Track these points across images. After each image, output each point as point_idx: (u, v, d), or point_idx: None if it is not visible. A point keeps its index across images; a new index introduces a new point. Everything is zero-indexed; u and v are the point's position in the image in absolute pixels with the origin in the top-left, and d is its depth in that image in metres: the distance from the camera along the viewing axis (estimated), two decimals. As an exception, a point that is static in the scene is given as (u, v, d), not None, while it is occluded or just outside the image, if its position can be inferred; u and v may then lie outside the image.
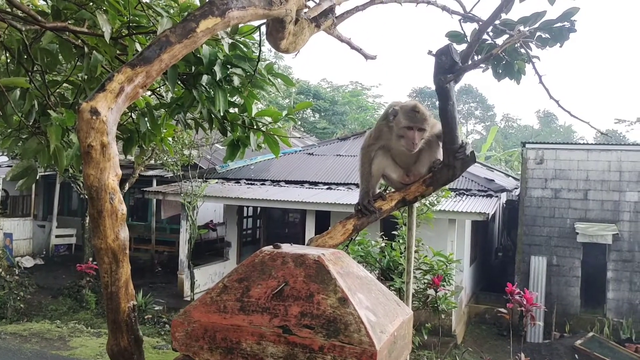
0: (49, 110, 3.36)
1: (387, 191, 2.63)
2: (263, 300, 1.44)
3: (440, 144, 2.45)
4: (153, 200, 16.99)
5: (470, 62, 2.11)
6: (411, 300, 2.58)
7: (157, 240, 18.14)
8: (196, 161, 14.98)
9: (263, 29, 3.08)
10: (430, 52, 2.07)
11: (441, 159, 2.47)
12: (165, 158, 14.38)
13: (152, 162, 15.96)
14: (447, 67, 2.07)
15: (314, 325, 1.37)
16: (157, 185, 16.74)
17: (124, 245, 1.62)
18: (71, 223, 19.35)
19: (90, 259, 14.50)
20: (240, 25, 3.81)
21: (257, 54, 3.84)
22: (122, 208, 1.55)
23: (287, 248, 1.53)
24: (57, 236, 18.94)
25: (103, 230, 1.51)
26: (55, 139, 3.40)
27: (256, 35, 3.86)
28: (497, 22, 3.10)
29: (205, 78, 3.81)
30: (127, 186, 15.58)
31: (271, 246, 1.54)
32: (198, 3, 3.77)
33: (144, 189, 15.35)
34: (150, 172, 17.10)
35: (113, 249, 1.61)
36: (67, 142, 3.59)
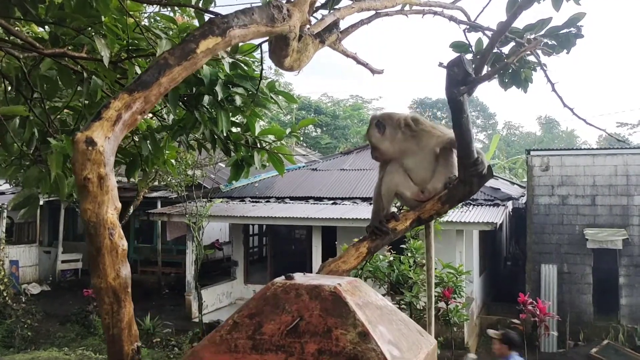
0: (49, 138, 3.30)
1: (402, 210, 2.53)
2: (277, 337, 1.34)
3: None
4: (158, 222, 16.91)
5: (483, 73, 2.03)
6: (434, 327, 2.48)
7: (163, 262, 18.04)
8: (200, 181, 14.92)
9: (264, 46, 3.02)
10: (441, 64, 1.98)
11: (457, 175, 2.36)
12: (169, 179, 14.33)
13: (156, 183, 15.92)
14: (460, 78, 1.98)
15: (333, 364, 1.28)
16: (161, 206, 16.67)
17: (126, 284, 1.51)
18: (77, 248, 19.27)
19: (97, 283, 14.39)
20: (240, 44, 3.76)
21: (258, 72, 3.78)
22: (123, 244, 1.46)
23: (300, 279, 1.44)
24: (63, 261, 18.84)
25: (103, 268, 1.41)
26: (56, 167, 3.34)
27: (257, 54, 3.81)
28: (502, 30, 3.03)
29: (207, 99, 3.76)
30: (131, 209, 15.53)
31: (283, 277, 1.45)
32: (197, 24, 3.72)
33: (149, 211, 15.28)
34: (155, 194, 17.05)
35: (114, 288, 1.51)
36: (69, 169, 3.53)
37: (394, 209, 2.53)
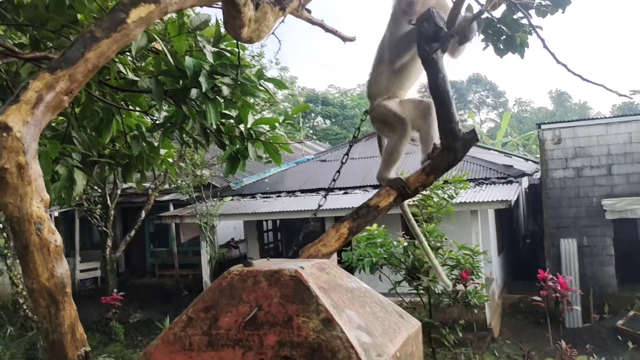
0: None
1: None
2: (234, 330, 1.20)
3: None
4: (172, 225, 16.91)
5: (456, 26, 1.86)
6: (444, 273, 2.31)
7: (180, 264, 18.04)
8: (210, 180, 14.87)
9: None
10: (410, 22, 1.83)
11: (438, 143, 2.18)
12: (179, 181, 14.28)
13: (167, 186, 15.90)
14: (431, 34, 1.82)
15: (295, 356, 1.12)
16: (174, 208, 16.67)
17: (63, 283, 1.36)
18: (94, 256, 19.31)
19: (115, 290, 14.44)
20: (222, 31, 3.63)
21: (242, 60, 3.66)
22: (55, 239, 1.32)
23: (260, 264, 1.30)
24: (81, 271, 18.94)
25: (33, 268, 1.27)
26: (44, 173, 3.26)
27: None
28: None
29: (194, 92, 3.65)
30: (143, 213, 15.53)
31: (241, 264, 1.31)
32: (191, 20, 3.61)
33: (160, 214, 15.27)
34: (166, 197, 17.04)
35: (49, 289, 1.36)
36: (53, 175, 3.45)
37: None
